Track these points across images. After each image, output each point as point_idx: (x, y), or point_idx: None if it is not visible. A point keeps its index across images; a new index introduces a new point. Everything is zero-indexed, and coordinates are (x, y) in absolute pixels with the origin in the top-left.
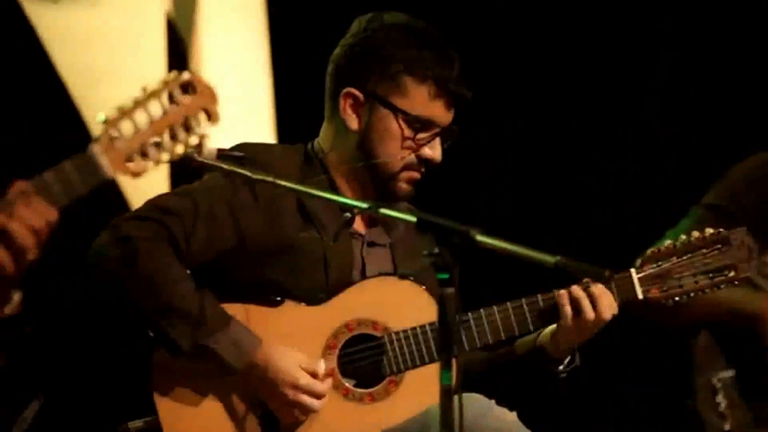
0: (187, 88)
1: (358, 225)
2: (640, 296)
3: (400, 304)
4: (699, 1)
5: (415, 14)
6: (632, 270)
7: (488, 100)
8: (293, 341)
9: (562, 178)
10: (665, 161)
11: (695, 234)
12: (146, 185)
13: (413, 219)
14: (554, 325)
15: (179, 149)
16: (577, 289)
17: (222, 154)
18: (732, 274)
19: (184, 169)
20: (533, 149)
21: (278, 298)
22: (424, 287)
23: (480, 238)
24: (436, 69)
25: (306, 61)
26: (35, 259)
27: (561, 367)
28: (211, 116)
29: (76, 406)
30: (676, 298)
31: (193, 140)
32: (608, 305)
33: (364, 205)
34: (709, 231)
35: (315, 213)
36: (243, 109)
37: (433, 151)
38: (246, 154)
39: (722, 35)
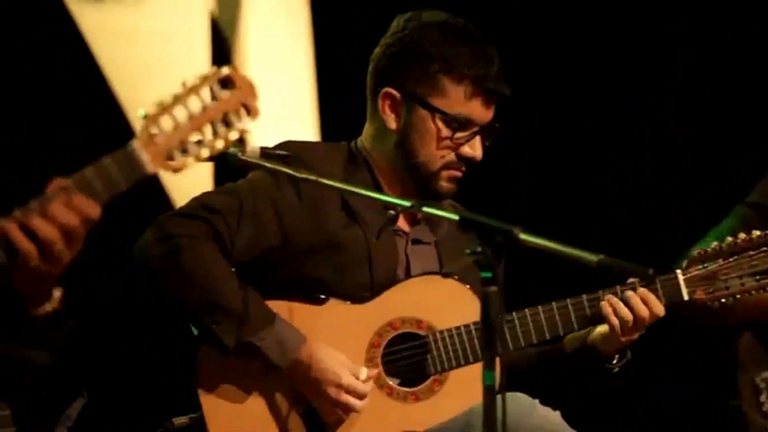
0: (227, 83)
1: (402, 223)
2: (686, 298)
3: (445, 303)
4: (716, 0)
5: (455, 12)
6: (678, 271)
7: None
8: (337, 339)
9: (587, 177)
10: (694, 160)
11: (742, 236)
12: (190, 183)
13: (455, 218)
14: (603, 326)
15: (219, 145)
16: (618, 303)
17: (266, 152)
18: None
19: (228, 167)
20: (558, 149)
21: (322, 297)
22: (468, 286)
23: (523, 236)
24: (474, 67)
25: (349, 59)
26: (75, 256)
27: (614, 362)
28: (251, 111)
29: (120, 403)
30: (722, 300)
31: (233, 135)
32: (653, 310)
33: (408, 204)
34: (757, 233)
35: (359, 211)
36: (286, 108)
37: (473, 149)
38: (290, 152)
39: (742, 33)
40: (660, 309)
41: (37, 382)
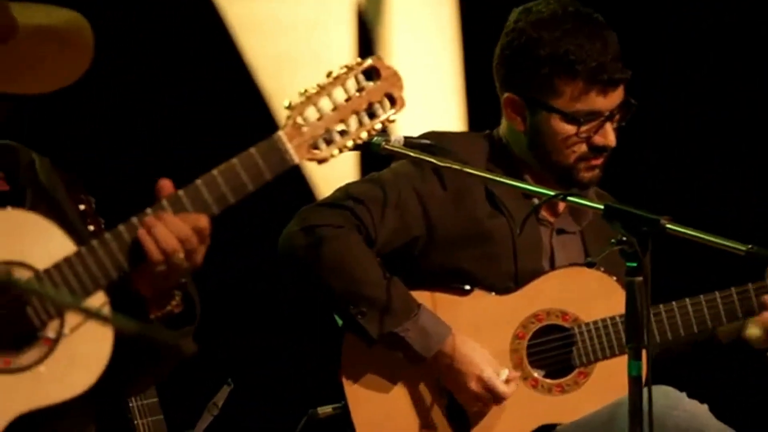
0: (372, 73)
1: (546, 213)
2: None
3: (590, 295)
4: None
5: None
6: None
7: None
8: (481, 330)
9: (725, 166)
10: None
11: None
12: (334, 173)
13: (600, 207)
14: (756, 318)
15: (364, 135)
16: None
17: (410, 141)
18: None
19: (373, 157)
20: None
21: (467, 287)
22: (614, 278)
23: (670, 225)
24: (585, 62)
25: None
26: (197, 265)
27: None
28: (396, 102)
29: (265, 392)
30: None
31: (378, 126)
32: None
33: (552, 193)
34: None
35: (503, 201)
36: (432, 97)
37: (604, 138)
38: (433, 141)
39: None
40: None
41: (184, 369)
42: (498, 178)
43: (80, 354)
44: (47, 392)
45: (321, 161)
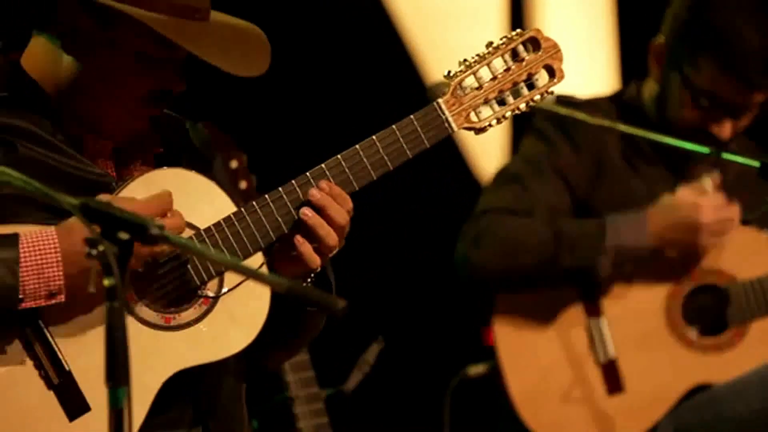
0: (531, 44)
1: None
2: None
3: (745, 253)
4: None
5: None
6: None
7: None
8: (634, 288)
9: None
10: None
11: None
12: (485, 140)
13: (756, 164)
14: None
15: (522, 106)
16: None
17: (562, 99)
18: None
19: (524, 120)
20: None
21: None
22: None
23: None
24: (735, 49)
25: (650, 15)
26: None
27: None
28: (556, 74)
29: (417, 350)
30: None
31: (537, 98)
32: None
33: (706, 150)
34: None
35: (639, 161)
36: (584, 58)
37: (719, 129)
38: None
39: None
40: None
41: (335, 326)
42: (652, 135)
43: (239, 314)
44: (206, 350)
45: (479, 131)
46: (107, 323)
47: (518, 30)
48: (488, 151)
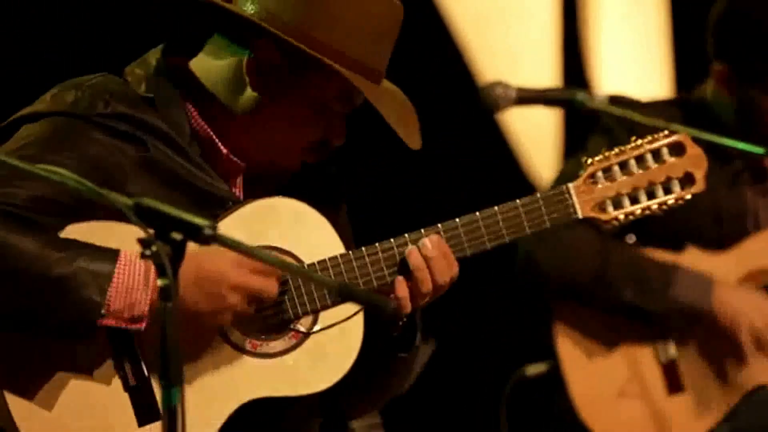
0: (676, 148)
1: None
2: None
3: None
4: None
5: None
6: None
7: None
8: None
9: None
10: None
11: None
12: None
13: None
14: None
15: (655, 207)
16: None
17: (615, 99)
18: None
19: (576, 114)
20: None
21: (684, 245)
22: None
23: None
24: None
25: (704, 14)
26: None
27: None
28: (695, 183)
29: (471, 350)
30: None
31: (671, 202)
32: None
33: (761, 150)
34: None
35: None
36: (639, 69)
37: None
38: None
39: None
40: None
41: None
42: (705, 135)
43: (326, 354)
44: (286, 383)
45: (605, 223)
46: (161, 323)
47: (665, 131)
48: (542, 152)
